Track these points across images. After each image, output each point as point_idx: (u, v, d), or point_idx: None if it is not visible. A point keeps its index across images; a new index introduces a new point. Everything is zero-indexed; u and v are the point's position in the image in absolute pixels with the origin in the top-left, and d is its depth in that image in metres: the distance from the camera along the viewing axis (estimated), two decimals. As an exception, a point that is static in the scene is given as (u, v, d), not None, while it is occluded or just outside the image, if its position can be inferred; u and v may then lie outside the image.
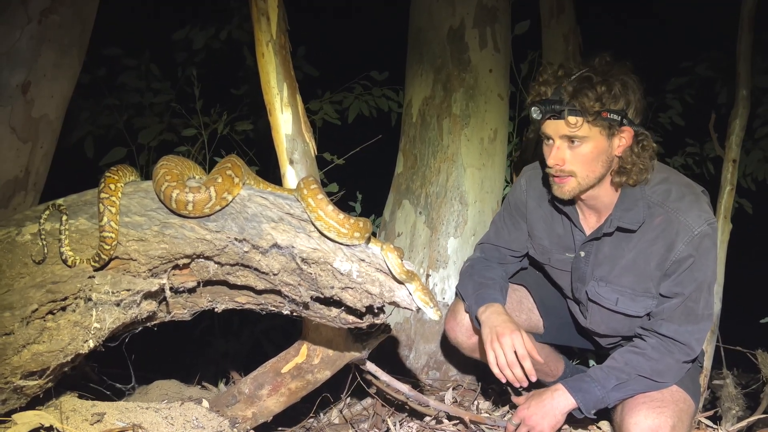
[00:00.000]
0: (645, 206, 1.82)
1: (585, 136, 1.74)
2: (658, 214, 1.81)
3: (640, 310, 1.89)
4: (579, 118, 1.72)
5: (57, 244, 1.50)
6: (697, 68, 3.86)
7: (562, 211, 1.97)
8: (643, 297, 1.87)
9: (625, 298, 1.90)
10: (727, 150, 2.72)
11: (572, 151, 1.77)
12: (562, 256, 2.05)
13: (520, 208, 2.12)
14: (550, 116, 1.75)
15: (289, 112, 1.80)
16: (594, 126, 1.73)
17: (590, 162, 1.77)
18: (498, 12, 2.81)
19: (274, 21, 1.80)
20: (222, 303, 1.71)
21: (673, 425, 1.72)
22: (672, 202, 1.81)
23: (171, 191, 1.48)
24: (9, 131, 2.06)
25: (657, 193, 1.83)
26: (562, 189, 1.83)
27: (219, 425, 1.72)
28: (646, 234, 1.83)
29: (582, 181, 1.80)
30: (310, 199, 1.54)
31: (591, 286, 1.95)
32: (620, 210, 1.85)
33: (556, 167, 1.79)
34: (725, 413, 2.43)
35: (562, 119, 1.73)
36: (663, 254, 1.81)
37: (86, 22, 2.22)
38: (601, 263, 1.92)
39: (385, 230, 2.85)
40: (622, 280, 1.89)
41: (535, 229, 2.09)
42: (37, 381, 1.43)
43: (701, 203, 1.81)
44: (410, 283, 1.57)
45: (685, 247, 1.77)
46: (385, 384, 2.12)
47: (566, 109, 1.71)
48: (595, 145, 1.76)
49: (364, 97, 3.51)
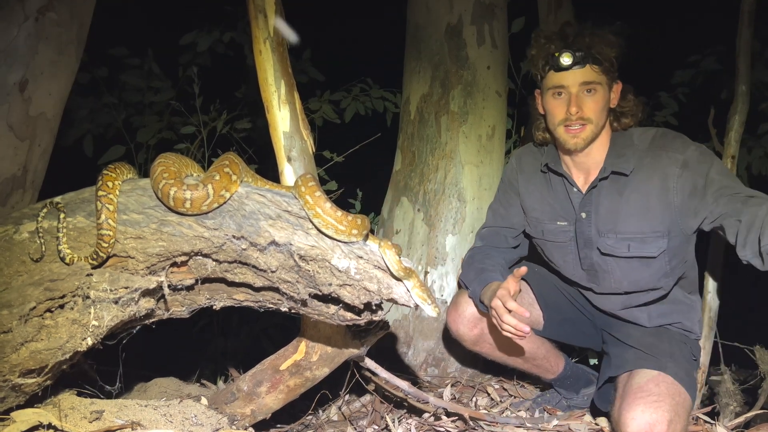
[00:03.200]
0: (632, 153, 1.95)
1: (599, 83, 1.91)
2: (646, 156, 1.94)
3: (654, 250, 1.94)
4: (598, 66, 1.89)
5: (55, 241, 1.50)
6: (703, 63, 3.83)
7: (557, 173, 2.06)
8: (653, 237, 1.93)
9: (635, 242, 1.96)
10: (726, 146, 2.71)
11: (589, 98, 1.91)
12: (554, 226, 2.10)
13: (513, 184, 2.23)
14: (575, 64, 1.88)
15: (286, 109, 1.80)
16: (603, 74, 1.91)
17: (601, 110, 1.93)
18: (495, 8, 2.80)
19: (271, 18, 1.80)
20: (220, 300, 1.71)
21: (670, 420, 1.72)
22: (656, 140, 1.96)
23: (169, 189, 1.48)
24: (6, 129, 2.06)
25: (643, 141, 1.98)
26: (579, 137, 1.93)
27: (218, 422, 1.72)
28: (639, 175, 1.93)
29: (596, 128, 1.94)
30: (308, 197, 1.55)
31: (601, 241, 1.99)
32: (612, 157, 1.97)
33: (577, 114, 1.90)
34: (723, 409, 2.43)
35: (583, 67, 1.89)
36: (660, 185, 1.89)
37: (83, 20, 2.21)
38: (603, 217, 1.98)
39: (383, 227, 2.85)
40: (628, 227, 1.95)
41: (527, 201, 2.17)
42: (36, 379, 1.43)
43: (684, 138, 1.94)
44: (408, 280, 1.58)
45: (677, 168, 1.87)
46: (384, 381, 2.13)
47: (590, 57, 1.88)
48: (603, 93, 1.93)
49: (361, 98, 3.52)
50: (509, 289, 1.89)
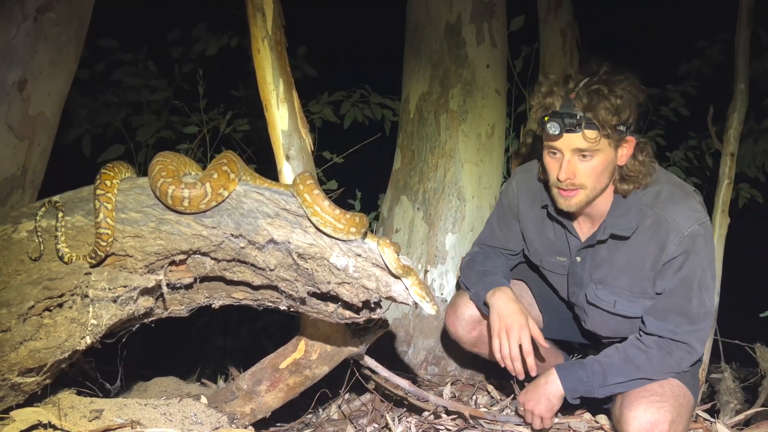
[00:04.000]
0: (637, 211, 1.83)
1: (598, 149, 1.73)
2: (648, 215, 1.82)
3: (638, 311, 1.89)
4: (595, 132, 1.69)
5: (53, 240, 1.50)
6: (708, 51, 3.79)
7: (555, 218, 1.97)
8: (641, 298, 1.88)
9: (622, 299, 1.90)
10: (725, 144, 2.71)
11: (583, 164, 1.75)
12: (553, 260, 2.06)
13: (512, 210, 2.12)
14: (566, 131, 1.70)
15: (285, 108, 1.80)
16: (605, 138, 1.72)
17: (599, 174, 1.77)
18: (495, 7, 2.80)
19: (269, 17, 1.80)
20: (219, 299, 1.71)
21: (672, 420, 1.71)
22: (662, 202, 1.81)
23: (167, 187, 1.48)
24: (6, 129, 2.06)
25: (648, 195, 1.84)
26: (569, 202, 1.81)
27: (217, 421, 1.72)
28: (639, 235, 1.84)
29: (590, 193, 1.79)
30: (306, 195, 1.54)
31: (590, 289, 1.95)
32: (613, 216, 1.86)
33: (567, 181, 1.77)
34: (723, 407, 2.43)
35: (578, 133, 1.70)
36: (656, 255, 1.81)
37: (82, 19, 2.21)
38: (598, 266, 1.93)
39: (383, 226, 2.85)
40: (619, 282, 1.90)
41: (526, 231, 2.10)
42: (35, 378, 1.43)
43: (692, 202, 1.81)
44: (407, 278, 1.57)
45: (676, 247, 1.78)
46: (384, 379, 2.12)
47: (583, 122, 1.68)
48: (605, 157, 1.75)
49: (361, 105, 3.52)
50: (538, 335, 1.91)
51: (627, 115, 1.71)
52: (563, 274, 2.05)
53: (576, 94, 1.71)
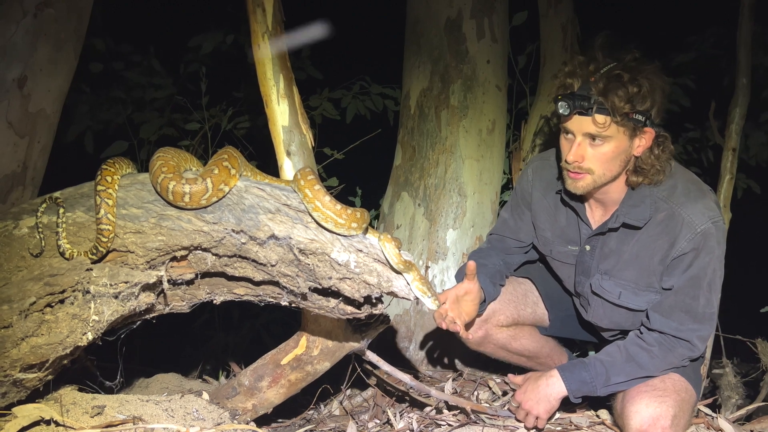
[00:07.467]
0: (651, 203, 1.81)
1: (609, 136, 1.71)
2: (662, 209, 1.81)
3: (643, 304, 1.88)
4: (607, 117, 1.67)
5: (54, 236, 1.50)
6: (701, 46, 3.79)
7: (568, 204, 1.96)
8: (646, 291, 1.87)
9: (627, 292, 1.89)
10: (726, 138, 2.71)
11: (593, 149, 1.74)
12: (563, 249, 2.04)
13: (525, 198, 2.12)
14: (577, 112, 1.69)
15: (285, 104, 1.80)
16: (619, 126, 1.70)
17: (609, 161, 1.75)
18: (495, 2, 2.79)
19: (269, 12, 1.79)
20: (220, 295, 1.71)
21: (674, 415, 1.71)
22: (677, 197, 1.80)
23: (168, 183, 1.48)
24: (6, 126, 2.05)
25: (663, 189, 1.82)
26: (576, 184, 1.80)
27: (219, 417, 1.73)
28: (650, 229, 1.82)
29: (598, 179, 1.78)
30: (307, 190, 1.54)
31: (595, 279, 1.95)
32: (627, 206, 1.84)
33: (575, 164, 1.76)
34: (725, 402, 2.44)
35: (589, 116, 1.68)
36: (666, 249, 1.80)
37: (82, 16, 2.20)
38: (606, 256, 1.92)
39: (384, 222, 2.85)
40: (625, 274, 1.89)
41: (538, 220, 2.09)
42: (37, 374, 1.43)
43: (707, 200, 1.79)
44: (408, 273, 1.57)
45: (687, 243, 1.76)
46: (385, 374, 2.13)
47: (595, 106, 1.67)
48: (617, 144, 1.73)
49: (362, 97, 3.50)
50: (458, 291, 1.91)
51: (647, 105, 1.69)
52: (571, 263, 2.04)
53: (596, 77, 1.69)
